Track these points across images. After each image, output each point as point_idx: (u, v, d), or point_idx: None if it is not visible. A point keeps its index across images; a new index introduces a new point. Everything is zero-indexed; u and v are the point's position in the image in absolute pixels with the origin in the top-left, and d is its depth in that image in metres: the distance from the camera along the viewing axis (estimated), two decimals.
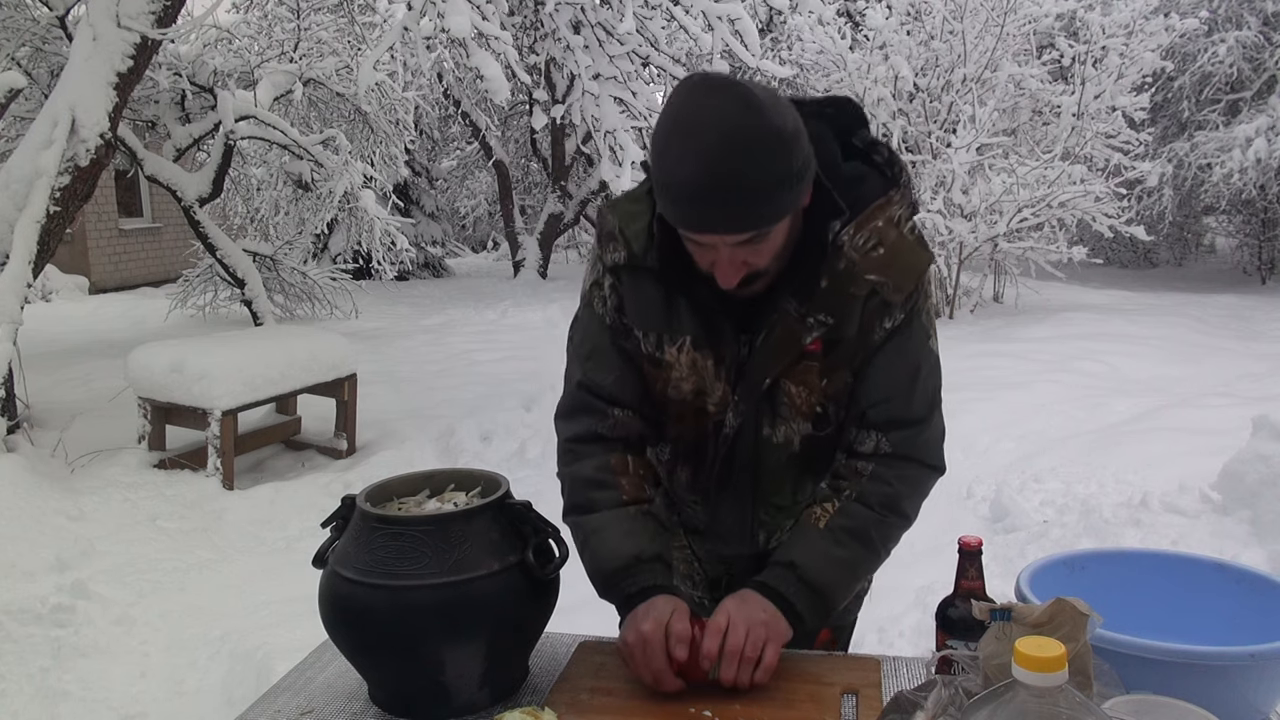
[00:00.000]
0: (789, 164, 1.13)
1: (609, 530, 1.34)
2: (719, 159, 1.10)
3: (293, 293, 10.34)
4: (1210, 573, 1.30)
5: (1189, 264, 16.34)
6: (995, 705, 0.80)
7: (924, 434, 1.37)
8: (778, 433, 1.38)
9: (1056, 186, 9.28)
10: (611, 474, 1.37)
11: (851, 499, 1.34)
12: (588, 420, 1.40)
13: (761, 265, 1.22)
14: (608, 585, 1.33)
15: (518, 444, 5.55)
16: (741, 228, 1.15)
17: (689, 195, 1.13)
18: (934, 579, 3.37)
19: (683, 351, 1.35)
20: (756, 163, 1.11)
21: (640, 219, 1.33)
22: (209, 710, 2.93)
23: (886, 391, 1.34)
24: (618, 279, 1.37)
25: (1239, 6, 13.14)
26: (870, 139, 1.33)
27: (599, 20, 6.97)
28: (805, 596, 1.29)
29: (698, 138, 1.11)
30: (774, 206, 1.15)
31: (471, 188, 21.72)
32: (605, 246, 1.37)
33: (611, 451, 1.39)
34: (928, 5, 9.86)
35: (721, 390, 1.36)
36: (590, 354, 1.41)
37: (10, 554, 3.57)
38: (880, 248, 1.27)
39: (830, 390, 1.35)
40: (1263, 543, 3.69)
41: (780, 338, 1.30)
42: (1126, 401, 6.04)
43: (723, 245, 1.18)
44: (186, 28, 6.52)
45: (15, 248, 4.42)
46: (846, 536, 1.32)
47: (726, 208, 1.13)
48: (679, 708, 1.21)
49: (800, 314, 1.28)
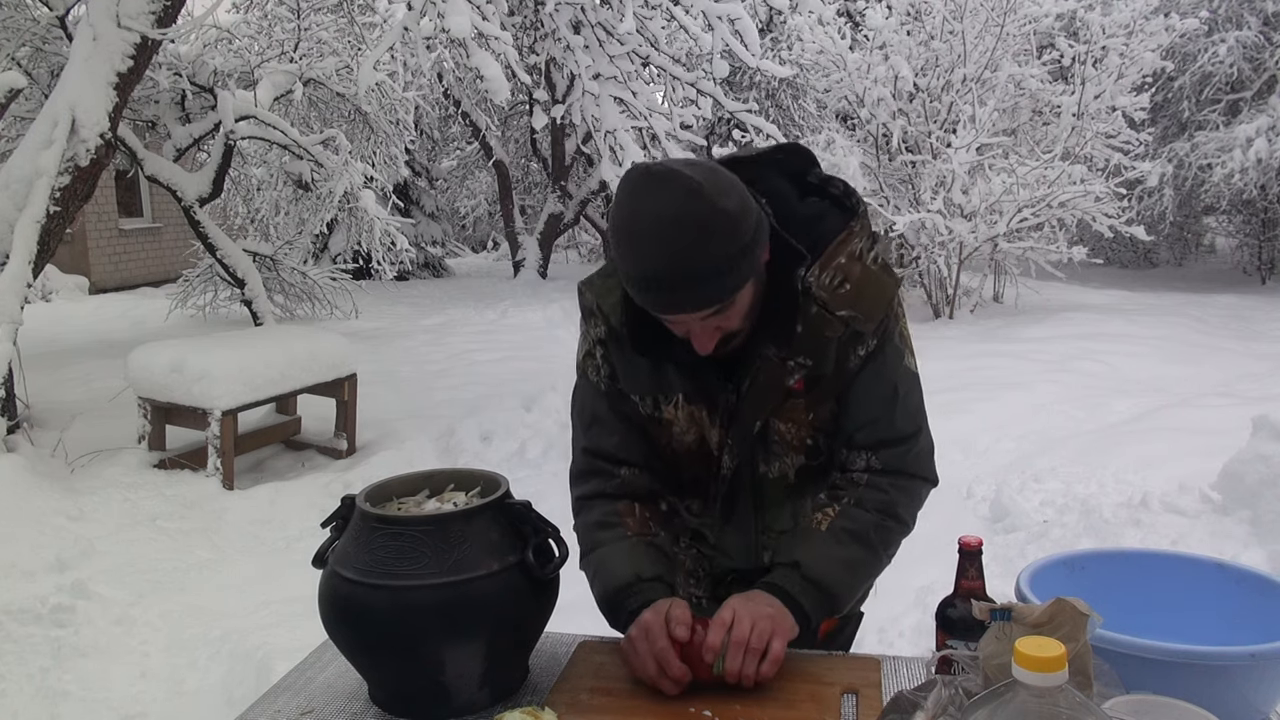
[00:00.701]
0: (738, 239, 1.20)
1: (612, 559, 1.39)
2: (672, 249, 1.17)
3: (293, 293, 10.33)
4: (1210, 573, 1.30)
5: (1189, 264, 16.34)
6: (995, 705, 0.80)
7: (912, 450, 1.42)
8: (773, 468, 1.44)
9: (1056, 186, 9.28)
10: (618, 516, 1.44)
11: (850, 504, 1.38)
12: (596, 482, 1.47)
13: (733, 327, 1.30)
14: (611, 605, 1.37)
15: (518, 444, 5.55)
16: (705, 305, 1.23)
17: (650, 284, 1.21)
18: (934, 579, 3.36)
19: (678, 408, 1.43)
20: (707, 245, 1.18)
21: (614, 293, 1.40)
22: (209, 710, 2.93)
23: (870, 415, 1.40)
24: (606, 349, 1.45)
25: (1239, 6, 13.13)
26: (824, 175, 1.40)
27: (599, 20, 6.97)
28: (810, 593, 1.31)
29: (649, 231, 1.18)
30: (731, 280, 1.22)
31: (471, 188, 21.72)
32: (588, 321, 1.46)
33: (618, 501, 1.45)
34: (928, 5, 9.86)
35: (717, 435, 1.43)
36: (592, 422, 1.48)
37: (10, 554, 3.57)
38: (846, 284, 1.33)
39: (817, 422, 1.41)
40: (1263, 543, 3.69)
41: (765, 383, 1.37)
42: (1126, 401, 6.04)
43: (692, 320, 1.25)
44: (186, 28, 6.52)
45: (15, 248, 4.42)
46: (847, 537, 1.36)
47: (686, 291, 1.20)
48: (679, 707, 1.21)
49: (780, 358, 1.35)
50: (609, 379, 1.46)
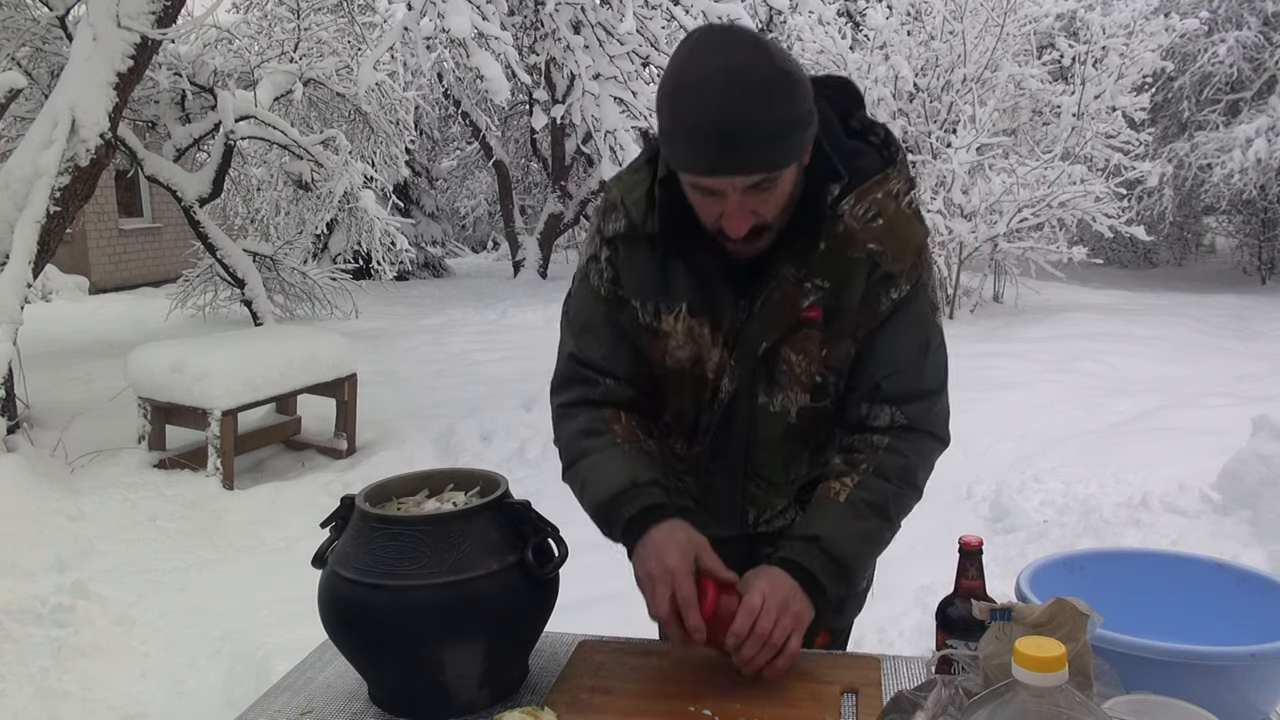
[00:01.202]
0: (798, 106, 1.15)
1: (603, 465, 1.35)
2: (732, 100, 1.11)
3: (293, 293, 10.33)
4: (1210, 573, 1.30)
5: (1189, 264, 16.34)
6: (995, 705, 0.80)
7: (936, 406, 1.38)
8: (774, 401, 1.37)
9: (1056, 186, 9.28)
10: (604, 423, 1.39)
11: (869, 472, 1.34)
12: (580, 389, 1.42)
13: (768, 217, 1.23)
14: (605, 514, 1.32)
15: (517, 444, 5.55)
16: (754, 168, 1.16)
17: (702, 137, 1.14)
18: (934, 579, 3.36)
19: (679, 319, 1.36)
20: (769, 103, 1.12)
21: (639, 187, 1.35)
22: (209, 710, 2.93)
23: (899, 363, 1.35)
24: (615, 251, 1.39)
25: (1239, 6, 13.13)
26: (868, 120, 1.35)
27: (599, 20, 6.98)
28: (829, 570, 1.29)
29: (710, 81, 1.12)
30: (785, 148, 1.16)
31: (471, 188, 21.73)
32: (607, 218, 1.39)
33: (603, 408, 1.41)
34: (928, 5, 9.86)
35: (719, 356, 1.36)
36: (584, 328, 1.42)
37: (10, 554, 3.57)
38: (879, 218, 1.29)
39: (830, 361, 1.35)
40: (1263, 543, 3.69)
41: (778, 302, 1.31)
42: (1126, 401, 6.04)
43: (732, 191, 1.18)
44: (186, 28, 6.52)
45: (15, 248, 4.42)
46: (867, 510, 1.32)
47: (740, 148, 1.14)
48: (679, 707, 1.21)
49: (798, 279, 1.30)
50: (610, 283, 1.40)
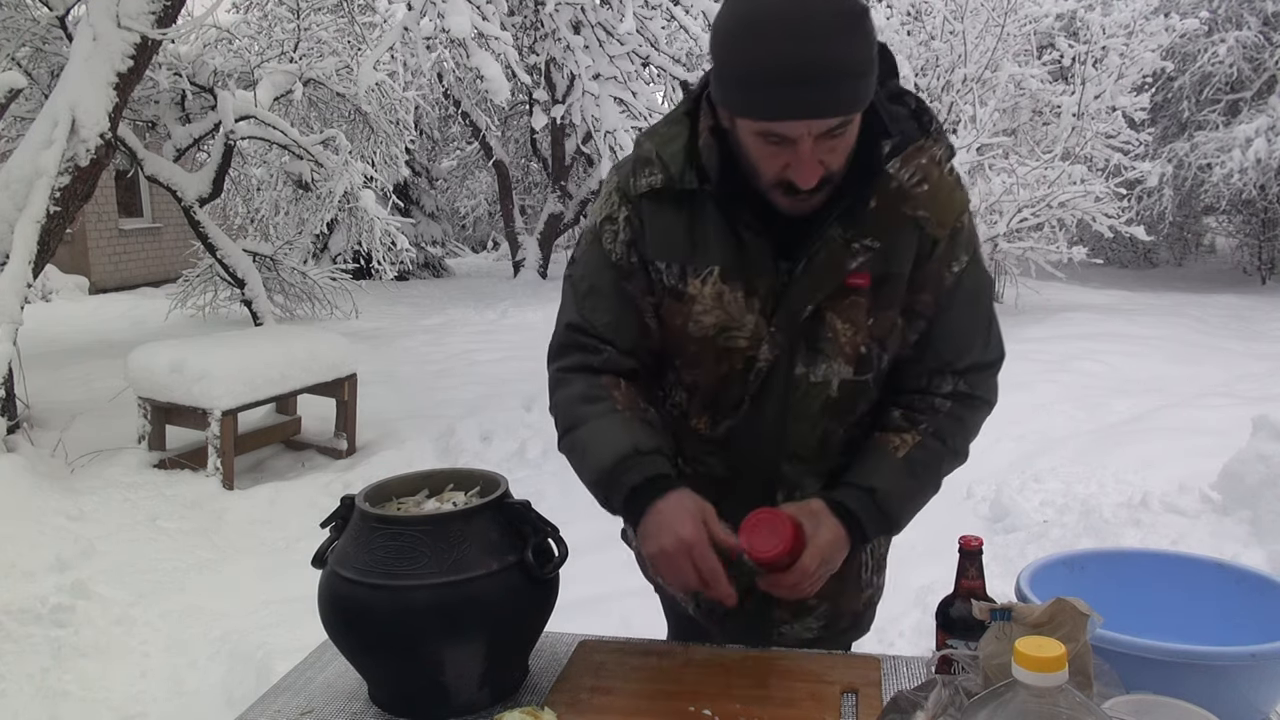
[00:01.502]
0: (869, 48, 1.11)
1: (602, 433, 1.29)
2: (813, 34, 1.06)
3: (293, 293, 10.33)
4: (1210, 573, 1.30)
5: (1189, 264, 16.33)
6: (995, 705, 0.80)
7: (995, 374, 1.40)
8: (816, 371, 1.31)
9: (1056, 186, 9.28)
10: (604, 389, 1.33)
11: (929, 434, 1.34)
12: (578, 355, 1.36)
13: (836, 166, 1.18)
14: (606, 484, 1.28)
15: (518, 444, 5.54)
16: (835, 109, 1.11)
17: (779, 78, 1.08)
18: (934, 579, 3.36)
19: (707, 283, 1.29)
20: (850, 37, 1.08)
21: (677, 140, 1.29)
22: (209, 710, 2.93)
23: (969, 338, 1.35)
24: (638, 209, 1.31)
25: (1239, 6, 13.13)
26: (899, 89, 1.31)
27: (599, 20, 6.98)
28: (878, 524, 1.31)
29: (785, 18, 1.06)
30: (864, 88, 1.11)
31: (471, 188, 21.73)
32: (637, 173, 1.31)
33: (602, 375, 1.35)
34: (928, 5, 9.86)
35: (754, 323, 1.29)
36: (589, 292, 1.35)
37: (10, 554, 3.57)
38: (925, 183, 1.27)
39: (876, 331, 1.30)
40: (1263, 543, 3.69)
41: (824, 263, 1.25)
42: (1126, 401, 6.04)
43: (807, 137, 1.12)
44: (186, 28, 6.52)
45: (15, 248, 4.42)
46: (922, 470, 1.33)
47: (820, 85, 1.08)
48: (679, 707, 1.21)
49: (845, 239, 1.25)
50: (626, 245, 1.32)
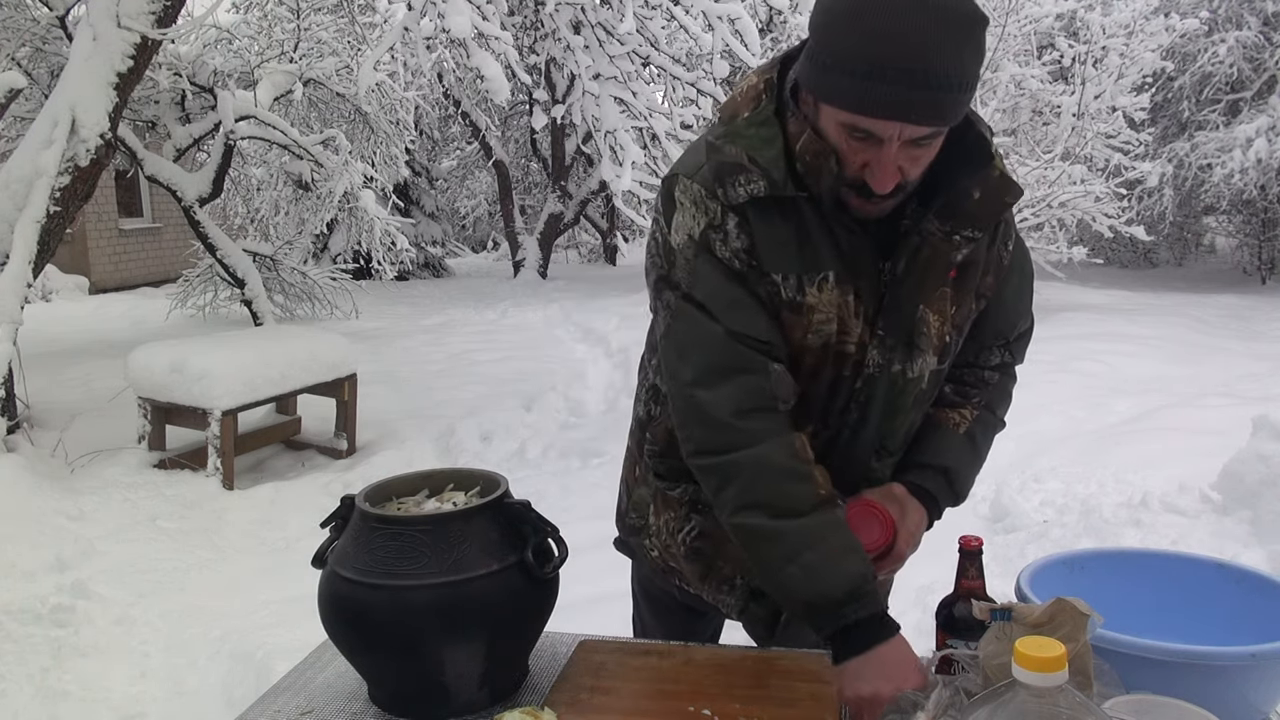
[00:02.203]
0: (978, 66, 1.08)
1: (812, 554, 1.16)
2: (937, 38, 1.01)
3: (293, 293, 10.34)
4: (1210, 573, 1.30)
5: (1189, 264, 16.33)
6: (995, 705, 0.80)
7: (1029, 339, 1.47)
8: (912, 367, 1.28)
9: (1057, 187, 9.28)
10: (804, 463, 1.20)
11: (983, 405, 1.42)
12: (751, 381, 1.19)
13: (914, 176, 1.14)
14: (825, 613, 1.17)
15: (518, 444, 5.55)
16: (936, 118, 1.07)
17: (886, 75, 1.02)
18: (934, 579, 3.35)
19: (824, 290, 1.21)
20: (965, 51, 1.03)
21: (773, 144, 1.18)
22: (209, 710, 2.93)
23: (1021, 312, 1.41)
24: (744, 218, 1.20)
25: (1239, 6, 13.13)
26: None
27: (599, 20, 6.98)
28: (950, 500, 1.40)
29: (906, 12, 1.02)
30: (965, 102, 1.08)
31: (471, 188, 21.74)
32: (731, 180, 1.19)
33: (792, 429, 1.22)
34: None
35: (860, 328, 1.24)
36: (731, 304, 1.20)
37: (10, 554, 3.57)
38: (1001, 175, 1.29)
39: (958, 319, 1.30)
40: (1263, 543, 3.69)
41: (928, 260, 1.22)
42: (1126, 401, 6.04)
43: (897, 140, 1.08)
44: (186, 28, 6.52)
45: (15, 248, 4.42)
46: (981, 441, 1.42)
47: (932, 92, 1.03)
48: (679, 707, 1.21)
49: (945, 232, 1.21)
50: (745, 253, 1.20)
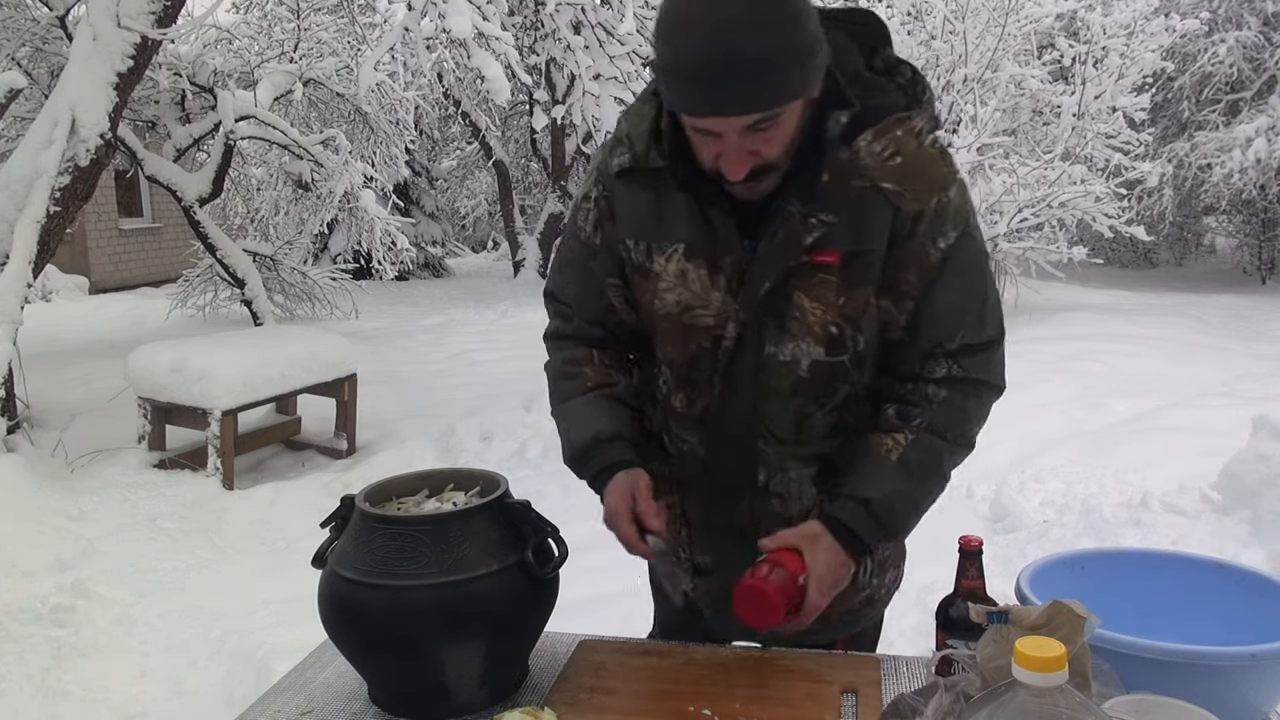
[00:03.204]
0: (797, 37, 1.09)
1: (574, 416, 1.40)
2: (723, 34, 1.06)
3: (293, 293, 10.33)
4: (1210, 573, 1.30)
5: (1189, 264, 16.32)
6: (995, 705, 0.80)
7: (995, 355, 1.32)
8: (784, 350, 1.29)
9: (1057, 187, 9.27)
10: (577, 365, 1.43)
11: (923, 428, 1.28)
12: (557, 321, 1.48)
13: (772, 155, 1.16)
14: (576, 468, 1.39)
15: (518, 444, 5.54)
16: (747, 108, 1.09)
17: (692, 75, 1.08)
18: (934, 579, 3.35)
19: (671, 261, 1.30)
20: (761, 36, 1.06)
21: (645, 119, 1.30)
22: (209, 710, 2.93)
23: (959, 317, 1.28)
24: (610, 189, 1.36)
25: (1239, 6, 13.12)
26: (894, 59, 1.28)
27: (599, 20, 6.98)
28: (876, 533, 1.28)
29: (701, 14, 1.07)
30: (781, 84, 1.09)
31: (471, 188, 21.73)
32: (613, 153, 1.35)
33: (577, 346, 1.45)
34: (928, 5, 9.86)
35: (721, 300, 1.29)
36: (562, 265, 1.46)
37: (10, 554, 3.57)
38: (898, 156, 1.22)
39: (848, 310, 1.26)
40: (1263, 543, 3.69)
41: (783, 241, 1.23)
42: (1126, 401, 6.04)
43: (730, 132, 1.12)
44: (186, 28, 6.52)
45: (15, 248, 4.42)
46: (919, 469, 1.28)
47: (732, 86, 1.07)
48: (679, 707, 1.21)
49: (803, 214, 1.22)
50: (594, 226, 1.38)
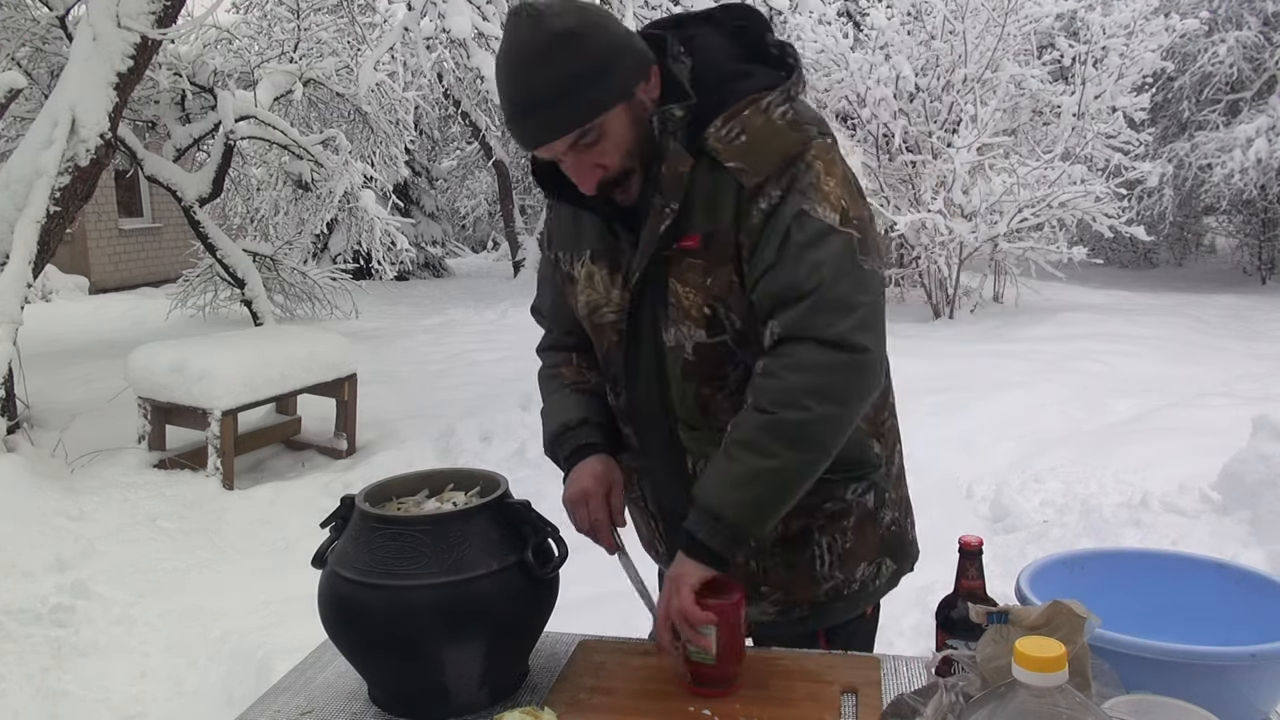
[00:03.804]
0: (581, 61, 1.19)
1: (550, 410, 1.51)
2: (518, 76, 1.20)
3: (293, 293, 10.34)
4: (1210, 573, 1.30)
5: (1189, 264, 16.31)
6: (995, 705, 0.80)
7: (818, 308, 1.22)
8: (669, 335, 1.35)
9: (1057, 187, 9.27)
10: (557, 368, 1.55)
11: (748, 407, 1.26)
12: (543, 334, 1.62)
13: (612, 165, 1.27)
14: (551, 454, 1.49)
15: (517, 444, 5.54)
16: (555, 132, 1.22)
17: (510, 117, 1.24)
18: (934, 579, 3.34)
19: (583, 266, 1.43)
20: (546, 69, 1.18)
21: None
22: (209, 710, 2.93)
23: (761, 265, 1.25)
24: (554, 210, 1.51)
25: (1239, 6, 13.12)
26: (777, 43, 1.36)
27: None
28: (706, 525, 1.24)
29: (504, 65, 1.23)
30: (575, 105, 1.20)
31: (471, 188, 21.71)
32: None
33: (558, 353, 1.57)
34: (928, 5, 9.86)
35: (619, 297, 1.40)
36: (540, 280, 1.60)
37: (10, 554, 3.57)
38: (743, 135, 1.26)
39: (715, 290, 1.30)
40: (1263, 543, 3.68)
41: (651, 230, 1.31)
42: (1126, 401, 6.03)
43: (561, 155, 1.25)
44: (186, 28, 6.52)
45: (15, 248, 4.42)
46: (737, 449, 1.25)
47: (526, 122, 1.22)
48: (679, 706, 1.21)
49: (659, 205, 1.29)
50: (548, 242, 1.53)
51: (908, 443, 1.61)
